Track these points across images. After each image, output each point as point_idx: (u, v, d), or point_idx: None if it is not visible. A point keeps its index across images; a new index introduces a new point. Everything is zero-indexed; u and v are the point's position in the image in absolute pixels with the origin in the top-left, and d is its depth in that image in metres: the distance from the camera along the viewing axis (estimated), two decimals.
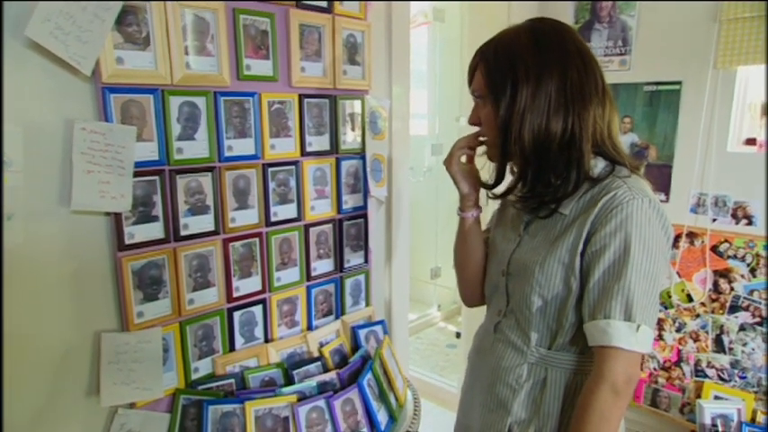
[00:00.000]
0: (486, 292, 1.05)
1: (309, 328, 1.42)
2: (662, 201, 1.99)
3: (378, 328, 1.53)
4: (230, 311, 1.26)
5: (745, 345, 1.88)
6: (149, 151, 1.09)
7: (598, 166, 0.86)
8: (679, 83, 1.91)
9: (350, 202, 1.49)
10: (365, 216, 1.53)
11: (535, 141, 0.83)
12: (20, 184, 0.95)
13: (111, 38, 1.01)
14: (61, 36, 0.95)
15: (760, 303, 1.84)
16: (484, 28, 2.22)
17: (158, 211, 1.12)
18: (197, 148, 1.16)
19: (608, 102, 0.85)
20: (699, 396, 1.98)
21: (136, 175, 1.06)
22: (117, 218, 1.06)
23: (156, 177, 1.10)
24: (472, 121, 0.93)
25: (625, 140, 2.05)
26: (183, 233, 1.16)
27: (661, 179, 1.99)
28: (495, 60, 0.87)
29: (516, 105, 0.83)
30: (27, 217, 0.96)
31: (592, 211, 0.82)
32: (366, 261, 1.55)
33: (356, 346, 1.48)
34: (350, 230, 1.50)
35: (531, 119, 0.82)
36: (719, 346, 1.94)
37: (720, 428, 1.84)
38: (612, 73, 2.03)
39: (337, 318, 1.49)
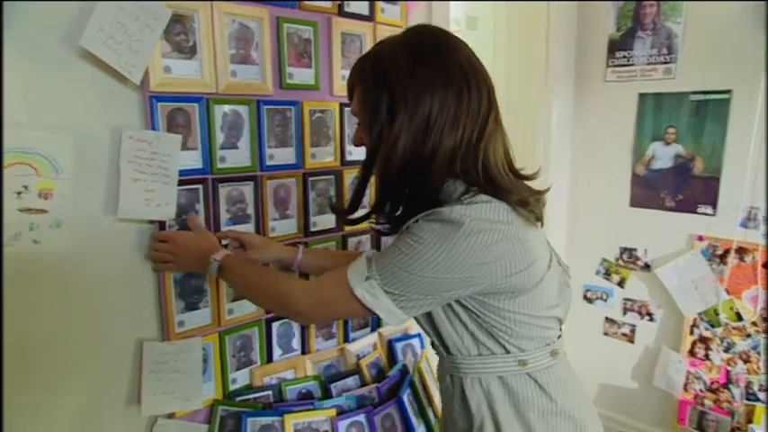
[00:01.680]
0: None
1: (346, 340, 1.41)
2: (708, 214, 1.92)
3: (415, 342, 1.51)
4: (268, 322, 1.26)
5: None
6: (193, 159, 1.10)
7: (457, 190, 0.80)
8: (729, 91, 1.85)
9: None
10: None
11: (406, 165, 0.79)
12: (69, 191, 0.97)
13: (160, 47, 1.02)
14: (113, 45, 0.97)
15: None
16: (521, 33, 2.21)
17: (201, 219, 1.12)
18: (239, 157, 1.16)
19: (491, 122, 0.80)
20: (750, 421, 1.90)
21: (180, 183, 1.07)
22: (161, 226, 1.07)
23: (200, 186, 1.11)
24: (357, 143, 0.88)
25: (669, 152, 1.99)
26: (224, 242, 1.15)
27: (707, 192, 1.93)
28: (371, 85, 0.81)
29: (392, 128, 0.78)
30: (75, 224, 0.98)
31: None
32: None
33: (393, 359, 1.45)
34: (387, 241, 1.48)
35: (405, 143, 0.78)
36: None
37: None
38: (656, 82, 1.99)
39: (374, 330, 1.47)
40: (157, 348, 1.08)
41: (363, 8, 1.33)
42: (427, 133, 0.77)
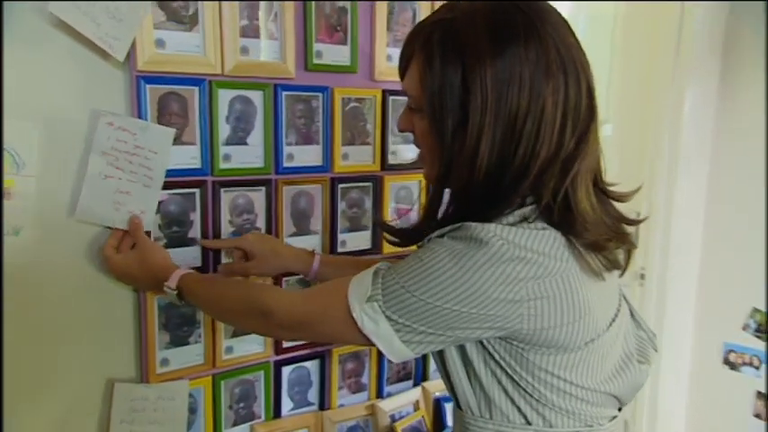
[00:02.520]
0: None
1: (379, 395, 1.29)
2: None
3: None
4: (278, 365, 1.15)
5: None
6: (189, 157, 1.01)
7: (514, 211, 0.71)
8: None
9: None
10: None
11: (486, 173, 0.70)
12: (32, 191, 0.90)
13: (152, 15, 0.94)
14: (92, 12, 0.90)
15: None
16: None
17: (196, 232, 1.04)
18: (249, 156, 1.07)
19: (592, 132, 0.71)
20: None
21: (171, 186, 0.99)
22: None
23: (196, 190, 1.02)
24: (403, 127, 0.81)
25: None
26: (224, 261, 1.07)
27: None
28: (440, 55, 0.70)
29: (469, 125, 0.69)
30: (38, 232, 0.91)
31: None
32: None
33: (441, 424, 1.32)
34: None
35: (488, 152, 0.69)
36: None
37: None
38: None
39: (417, 384, 1.34)
40: (132, 392, 1.00)
41: None
42: (514, 139, 0.68)
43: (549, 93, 0.68)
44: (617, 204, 0.78)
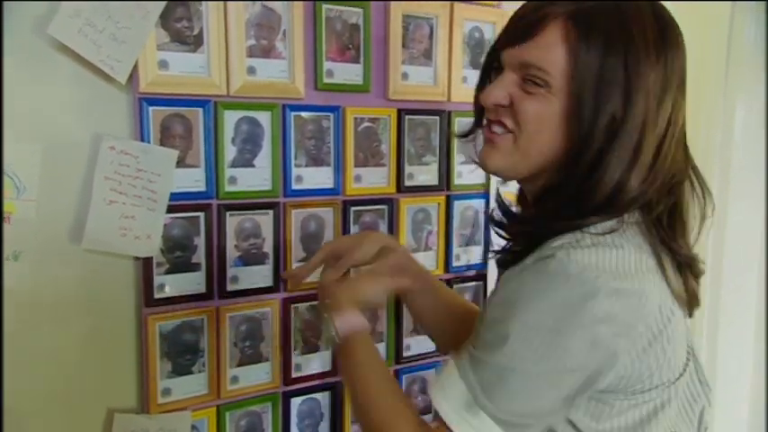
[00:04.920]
0: None
1: None
2: None
3: None
4: (287, 396, 1.09)
5: None
6: (194, 180, 0.98)
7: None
8: None
9: (464, 257, 1.26)
10: (484, 278, 1.28)
11: (610, 179, 0.63)
12: (32, 215, 0.88)
13: (155, 36, 0.92)
14: (92, 34, 0.88)
15: None
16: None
17: (200, 257, 0.99)
18: (256, 178, 1.02)
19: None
20: None
21: (174, 210, 0.96)
22: (146, 264, 0.95)
23: (201, 214, 0.99)
24: (499, 100, 0.66)
25: None
26: (230, 287, 1.02)
27: None
28: (603, 39, 0.61)
29: (621, 129, 0.62)
30: (37, 257, 0.89)
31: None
32: None
33: None
34: (462, 297, 1.24)
35: (617, 159, 0.62)
36: None
37: None
38: None
39: (436, 417, 1.22)
40: (133, 422, 0.96)
41: None
42: (657, 145, 0.64)
43: (681, 105, 0.66)
44: None
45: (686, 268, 0.66)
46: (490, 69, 0.71)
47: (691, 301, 0.67)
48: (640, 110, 0.62)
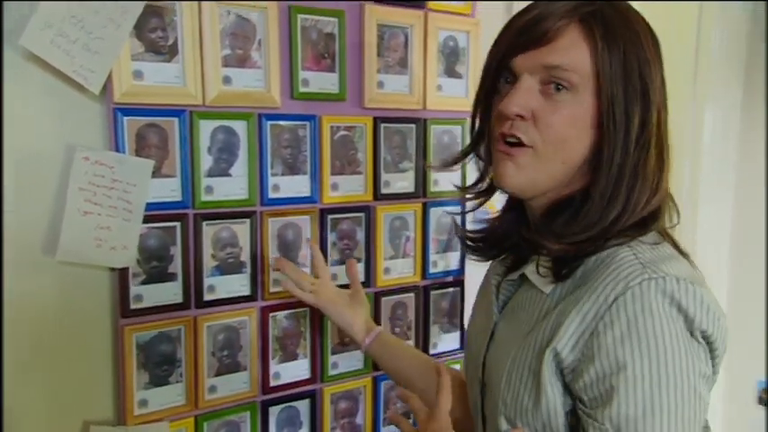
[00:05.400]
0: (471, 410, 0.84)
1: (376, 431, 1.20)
2: None
3: None
4: (265, 405, 1.08)
5: None
6: (170, 190, 0.97)
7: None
8: None
9: (440, 263, 1.26)
10: (461, 284, 1.29)
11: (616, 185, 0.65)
12: (13, 226, 0.87)
13: (129, 46, 0.91)
14: (65, 45, 0.87)
15: None
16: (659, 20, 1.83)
17: (177, 267, 0.99)
18: (232, 188, 1.02)
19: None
20: None
21: (150, 219, 0.95)
22: (122, 274, 0.94)
23: (177, 224, 0.98)
24: (524, 110, 0.64)
25: None
26: (207, 297, 1.01)
27: None
28: (621, 41, 0.63)
29: (647, 126, 0.64)
30: (13, 268, 0.88)
31: (582, 299, 0.62)
32: (461, 347, 1.30)
33: None
34: (439, 303, 1.26)
35: (625, 155, 0.64)
36: None
37: None
38: None
39: (416, 425, 1.22)
40: None
41: None
42: (641, 154, 0.65)
43: (664, 110, 0.68)
44: None
45: None
46: (496, 79, 0.69)
47: None
48: (655, 110, 0.65)
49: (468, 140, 1.22)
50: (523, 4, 0.67)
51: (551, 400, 0.64)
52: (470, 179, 1.21)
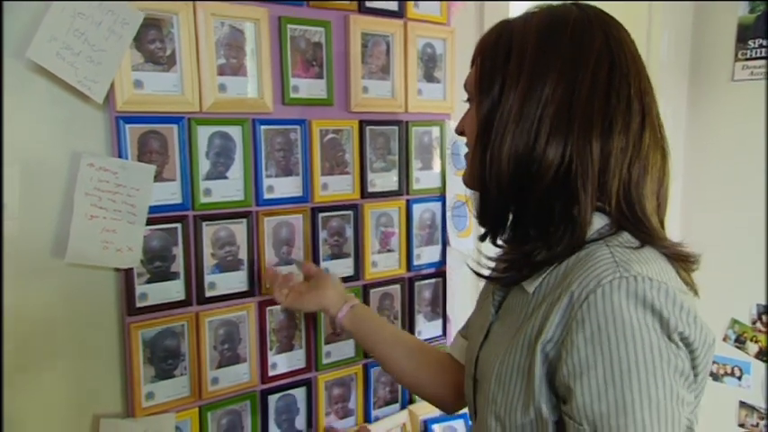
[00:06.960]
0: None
1: (367, 419, 1.27)
2: None
3: (458, 424, 1.31)
4: (264, 394, 1.14)
5: None
6: (170, 193, 1.01)
7: (594, 224, 0.67)
8: None
9: (424, 256, 1.33)
10: (443, 275, 1.36)
11: (516, 167, 0.67)
12: (15, 233, 0.90)
13: (130, 57, 0.95)
14: (69, 57, 0.90)
15: None
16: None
17: (179, 266, 1.03)
18: (229, 189, 1.06)
19: (647, 138, 0.68)
20: None
21: (153, 222, 0.99)
22: (127, 274, 0.98)
23: (178, 225, 1.02)
24: (458, 129, 0.80)
25: None
26: (208, 294, 1.06)
27: None
28: (491, 51, 0.72)
29: (498, 112, 0.69)
30: (21, 272, 0.91)
31: (561, 296, 0.63)
32: (444, 333, 1.37)
33: None
34: (423, 293, 1.33)
35: (514, 134, 0.67)
36: None
37: None
38: None
39: (404, 407, 1.32)
40: (119, 427, 0.98)
41: (391, 2, 1.20)
42: (552, 126, 0.65)
43: (586, 81, 0.66)
44: None
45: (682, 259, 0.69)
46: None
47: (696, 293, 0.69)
48: (511, 91, 0.70)
49: (445, 140, 1.30)
50: (495, 11, 0.78)
51: (539, 400, 0.63)
52: (450, 185, 1.30)
